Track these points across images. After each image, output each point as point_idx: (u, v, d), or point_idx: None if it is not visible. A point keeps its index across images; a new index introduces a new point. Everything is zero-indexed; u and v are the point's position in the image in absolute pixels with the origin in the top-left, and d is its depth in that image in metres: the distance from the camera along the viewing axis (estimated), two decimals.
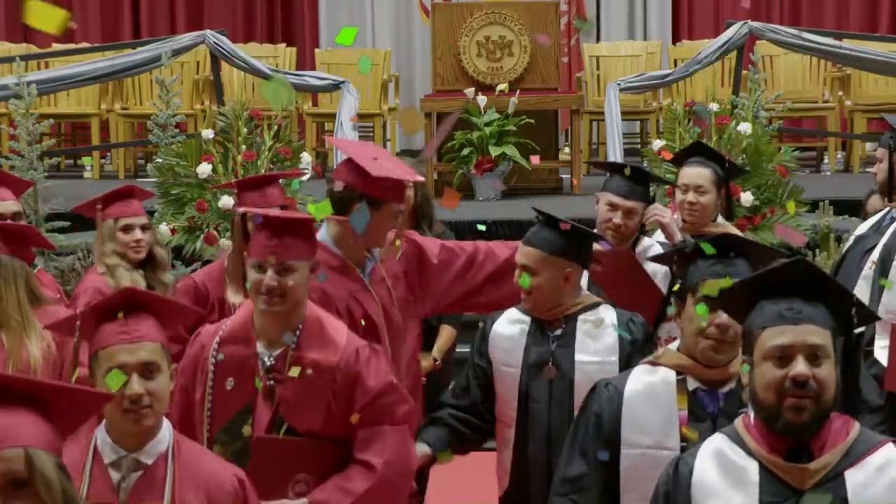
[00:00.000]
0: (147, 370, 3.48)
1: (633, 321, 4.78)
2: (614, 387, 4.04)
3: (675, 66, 11.80)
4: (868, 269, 5.88)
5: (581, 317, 4.75)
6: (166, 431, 3.57)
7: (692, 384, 3.97)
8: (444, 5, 11.67)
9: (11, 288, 4.96)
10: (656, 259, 4.50)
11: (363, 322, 4.85)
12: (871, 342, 5.36)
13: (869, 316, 3.41)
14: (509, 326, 4.85)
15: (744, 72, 10.08)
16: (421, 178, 5.04)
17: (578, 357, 4.71)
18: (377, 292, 4.94)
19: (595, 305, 4.80)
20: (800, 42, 10.43)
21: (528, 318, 4.80)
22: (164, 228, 8.95)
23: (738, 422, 3.28)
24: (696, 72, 10.63)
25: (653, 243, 5.70)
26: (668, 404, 3.95)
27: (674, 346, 4.08)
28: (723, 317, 3.86)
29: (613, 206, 5.56)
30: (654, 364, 4.04)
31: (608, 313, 4.77)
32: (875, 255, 5.82)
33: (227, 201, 8.75)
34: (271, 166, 8.92)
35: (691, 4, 14.41)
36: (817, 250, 8.98)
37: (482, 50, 11.06)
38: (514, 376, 4.79)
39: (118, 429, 3.52)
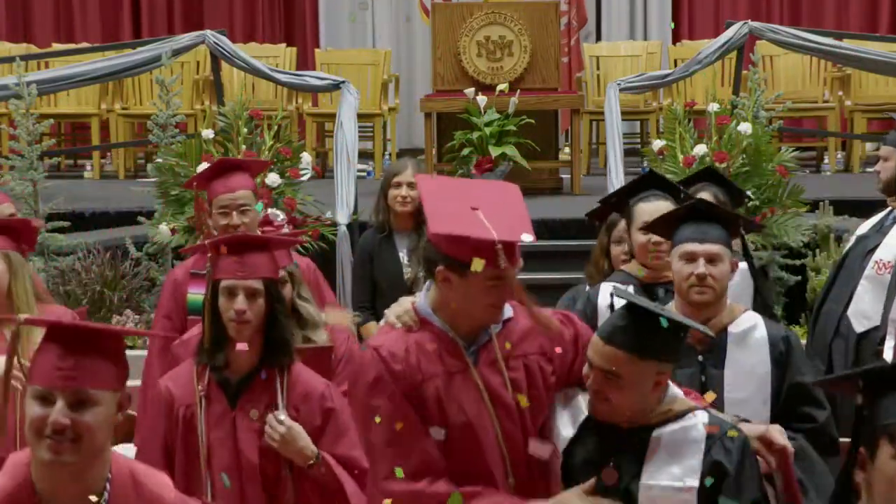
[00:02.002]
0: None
1: (729, 438, 3.81)
2: None
3: (675, 66, 11.79)
4: (871, 269, 5.88)
5: (667, 430, 3.82)
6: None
7: None
8: (444, 5, 11.66)
9: (22, 284, 4.99)
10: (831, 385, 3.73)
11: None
12: (882, 342, 5.37)
13: None
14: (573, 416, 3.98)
15: (744, 72, 10.07)
16: (529, 238, 3.95)
17: (649, 481, 3.78)
18: (484, 375, 3.92)
19: (685, 413, 3.86)
20: (800, 42, 10.42)
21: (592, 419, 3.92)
22: (163, 228, 8.95)
23: None
24: (696, 72, 10.62)
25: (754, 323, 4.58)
26: None
27: None
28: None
29: (691, 257, 4.50)
30: None
31: (699, 424, 3.84)
32: (879, 255, 5.82)
33: None
34: (271, 166, 8.92)
35: (691, 4, 14.40)
36: (817, 250, 8.98)
37: (482, 50, 11.06)
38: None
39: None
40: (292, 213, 8.81)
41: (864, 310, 5.89)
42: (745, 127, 8.98)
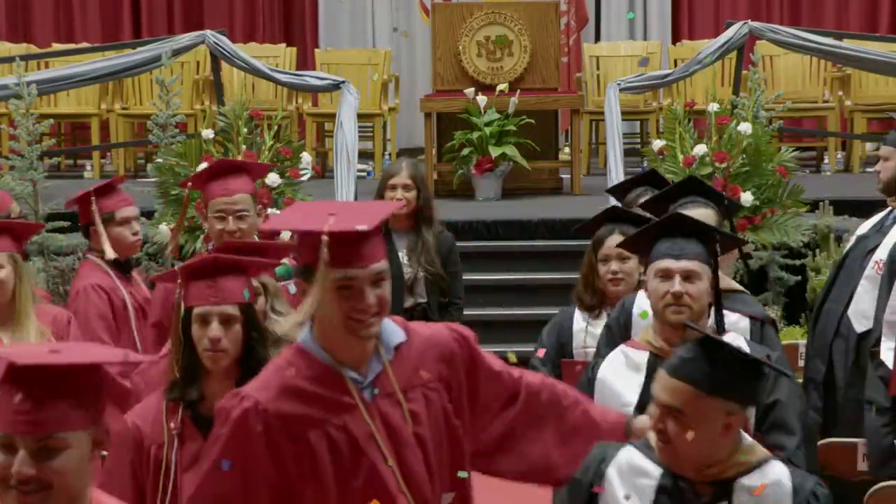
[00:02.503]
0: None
1: (815, 496, 3.49)
2: None
3: (675, 66, 11.79)
4: (871, 269, 5.87)
5: (743, 481, 3.43)
6: None
7: None
8: (444, 5, 11.66)
9: (26, 286, 4.99)
10: None
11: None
12: (878, 343, 5.36)
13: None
14: (630, 480, 3.50)
15: (744, 72, 10.07)
16: (363, 227, 3.31)
17: None
18: (382, 410, 3.45)
19: (763, 462, 3.47)
20: (800, 42, 10.42)
21: (658, 472, 3.47)
22: (163, 228, 8.94)
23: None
24: (696, 72, 10.63)
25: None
26: None
27: None
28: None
29: (666, 274, 4.26)
30: None
31: (783, 478, 3.45)
32: (879, 255, 5.81)
33: None
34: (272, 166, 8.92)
35: (691, 4, 14.40)
36: (817, 250, 8.99)
37: (482, 50, 11.06)
38: None
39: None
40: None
41: (864, 310, 5.88)
42: (745, 127, 8.99)
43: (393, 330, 3.48)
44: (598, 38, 13.52)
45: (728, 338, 4.12)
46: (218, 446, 3.38)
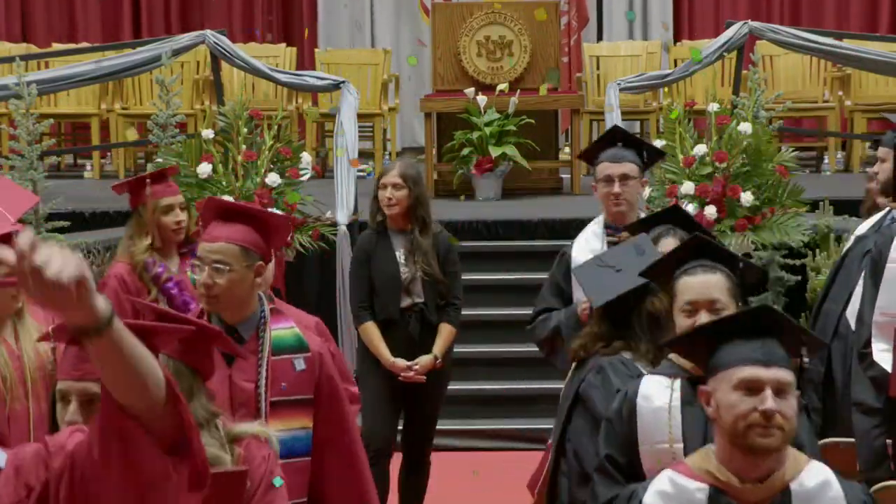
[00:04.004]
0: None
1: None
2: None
3: (675, 66, 11.79)
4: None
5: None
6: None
7: None
8: (444, 5, 11.67)
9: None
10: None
11: None
12: (867, 345, 5.35)
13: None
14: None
15: (744, 72, 10.07)
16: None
17: None
18: None
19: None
20: (800, 42, 10.42)
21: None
22: None
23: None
24: (696, 72, 10.63)
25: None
26: None
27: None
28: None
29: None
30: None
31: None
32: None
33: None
34: (271, 166, 8.92)
35: (691, 4, 14.40)
36: (817, 250, 8.98)
37: (482, 50, 11.06)
38: None
39: None
40: (292, 214, 8.81)
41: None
42: (745, 127, 8.98)
43: None
44: (599, 38, 13.53)
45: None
46: None
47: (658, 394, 3.97)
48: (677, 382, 3.98)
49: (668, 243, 4.86)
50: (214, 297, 4.34)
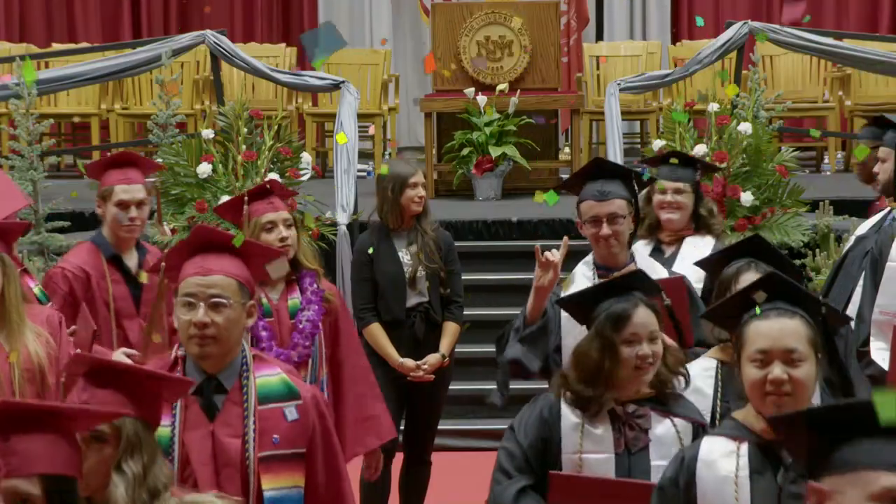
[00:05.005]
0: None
1: None
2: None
3: (675, 66, 11.79)
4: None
5: None
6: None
7: None
8: (444, 5, 11.66)
9: (14, 287, 4.93)
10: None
11: None
12: (866, 343, 5.36)
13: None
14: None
15: (744, 72, 10.07)
16: None
17: None
18: None
19: None
20: (800, 42, 10.42)
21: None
22: (164, 228, 8.95)
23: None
24: (696, 72, 10.63)
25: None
26: None
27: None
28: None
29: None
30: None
31: None
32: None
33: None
34: (271, 166, 8.92)
35: (691, 4, 14.40)
36: (817, 250, 8.99)
37: (482, 50, 11.06)
38: None
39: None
40: (292, 213, 8.80)
41: None
42: (745, 127, 8.99)
43: None
44: (598, 38, 13.53)
45: None
46: None
47: (722, 460, 3.50)
48: (744, 447, 3.49)
49: (749, 279, 4.31)
50: (211, 339, 3.79)
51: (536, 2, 11.31)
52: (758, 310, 3.48)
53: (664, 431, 4.04)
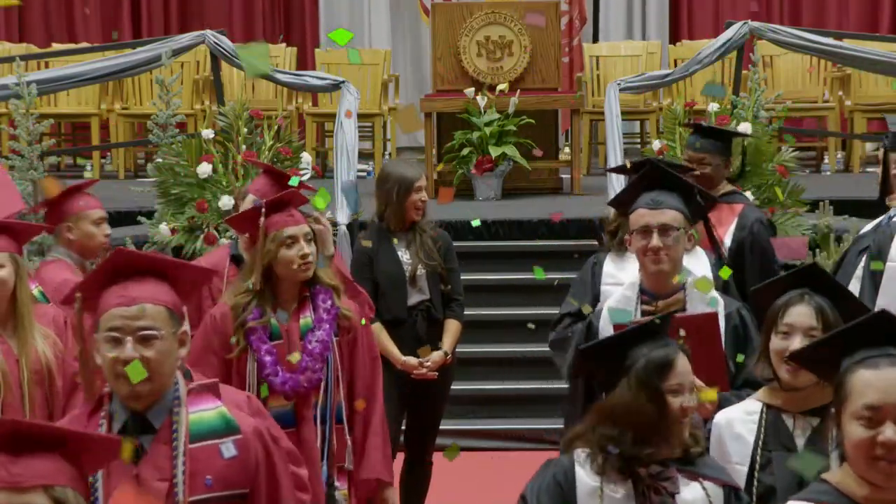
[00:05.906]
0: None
1: None
2: None
3: (675, 66, 11.79)
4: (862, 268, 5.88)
5: None
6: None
7: None
8: (444, 5, 11.67)
9: (25, 287, 4.95)
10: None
11: None
12: None
13: None
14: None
15: (744, 72, 10.07)
16: None
17: None
18: None
19: None
20: (800, 42, 10.42)
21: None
22: (163, 228, 8.95)
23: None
24: (696, 72, 10.62)
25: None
26: None
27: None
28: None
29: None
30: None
31: None
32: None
33: (226, 201, 8.75)
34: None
35: (691, 4, 14.40)
36: (817, 250, 8.99)
37: (482, 50, 11.06)
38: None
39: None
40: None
41: None
42: (745, 127, 8.98)
43: None
44: (595, 38, 13.53)
45: None
46: None
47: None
48: None
49: (800, 313, 4.00)
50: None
51: (536, 2, 11.31)
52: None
53: (693, 496, 3.68)
